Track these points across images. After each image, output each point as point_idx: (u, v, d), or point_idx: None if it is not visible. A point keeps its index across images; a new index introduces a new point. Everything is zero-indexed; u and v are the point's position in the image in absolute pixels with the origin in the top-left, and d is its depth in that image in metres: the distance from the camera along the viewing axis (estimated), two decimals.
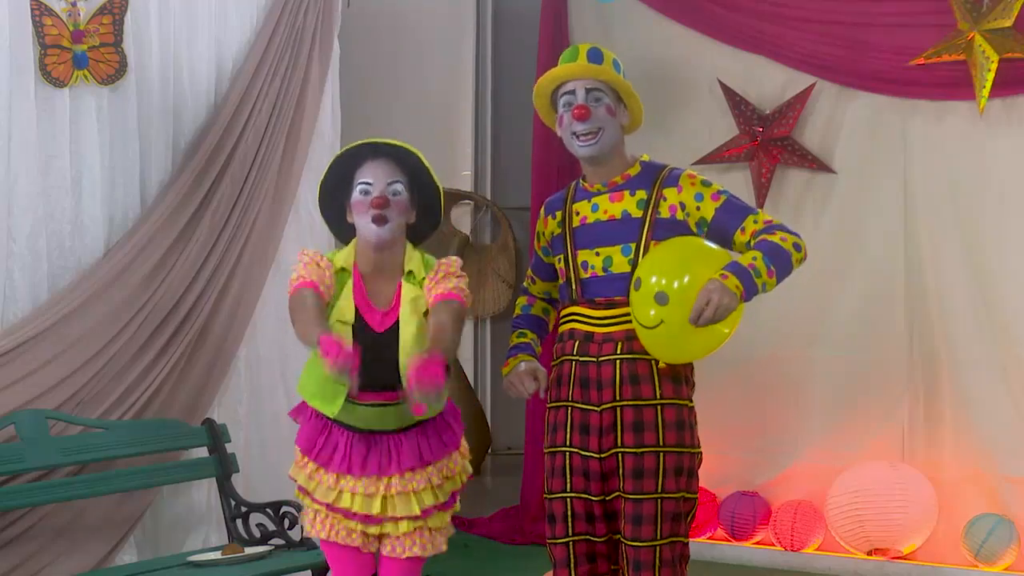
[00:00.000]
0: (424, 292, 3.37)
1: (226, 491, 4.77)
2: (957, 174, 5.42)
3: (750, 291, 3.23)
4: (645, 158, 3.52)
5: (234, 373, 5.09)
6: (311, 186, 5.21)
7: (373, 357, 3.24)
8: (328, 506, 3.41)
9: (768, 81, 5.76)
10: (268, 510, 4.68)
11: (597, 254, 3.42)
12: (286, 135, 5.14)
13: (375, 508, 3.36)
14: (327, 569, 4.49)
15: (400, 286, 3.39)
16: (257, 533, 4.71)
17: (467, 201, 7.31)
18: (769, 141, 5.69)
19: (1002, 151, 5.32)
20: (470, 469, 3.56)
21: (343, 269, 3.40)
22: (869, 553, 5.43)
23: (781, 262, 3.29)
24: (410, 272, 3.41)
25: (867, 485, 5.42)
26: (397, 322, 3.34)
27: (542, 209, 3.60)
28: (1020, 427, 5.25)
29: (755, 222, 3.37)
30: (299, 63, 5.20)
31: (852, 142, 5.64)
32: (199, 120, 5.00)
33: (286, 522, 4.65)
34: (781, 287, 3.37)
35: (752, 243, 3.35)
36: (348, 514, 3.39)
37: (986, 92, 5.16)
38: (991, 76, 5.12)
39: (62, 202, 4.62)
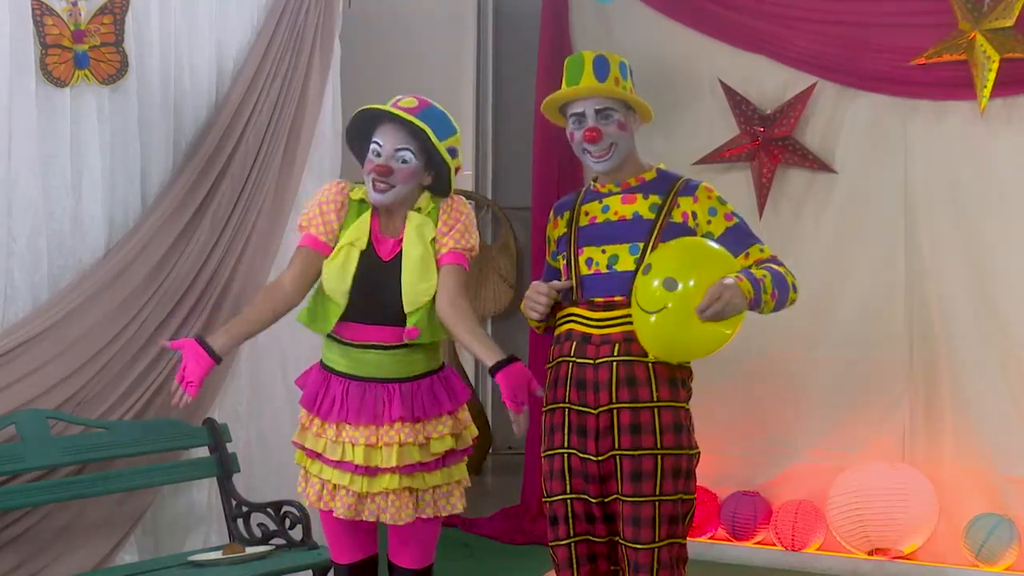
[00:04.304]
0: (430, 222, 3.46)
1: (227, 491, 4.77)
2: (957, 174, 5.41)
3: (756, 302, 3.25)
4: (662, 167, 3.53)
5: (234, 373, 5.09)
6: (312, 186, 5.21)
7: (376, 284, 3.40)
8: (336, 463, 3.44)
9: (769, 81, 5.76)
10: (269, 510, 4.67)
11: (603, 251, 3.41)
12: (287, 135, 5.14)
13: (375, 459, 3.41)
14: (328, 569, 4.50)
15: (407, 216, 3.49)
16: (258, 533, 4.70)
17: (467, 201, 7.33)
18: (770, 141, 5.69)
19: (1002, 151, 5.32)
20: (468, 439, 3.59)
21: (362, 200, 3.50)
22: (870, 553, 5.43)
23: (782, 292, 3.34)
24: (418, 207, 3.50)
25: (868, 485, 5.42)
26: (401, 252, 3.44)
27: (552, 212, 3.60)
28: (1020, 427, 5.25)
29: (761, 251, 3.42)
30: (300, 63, 5.19)
31: (853, 142, 5.64)
32: (200, 120, 4.99)
33: (287, 522, 4.64)
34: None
35: (757, 267, 3.38)
36: (353, 467, 3.41)
37: (987, 92, 5.16)
38: (992, 76, 5.12)
39: (62, 202, 4.61)
